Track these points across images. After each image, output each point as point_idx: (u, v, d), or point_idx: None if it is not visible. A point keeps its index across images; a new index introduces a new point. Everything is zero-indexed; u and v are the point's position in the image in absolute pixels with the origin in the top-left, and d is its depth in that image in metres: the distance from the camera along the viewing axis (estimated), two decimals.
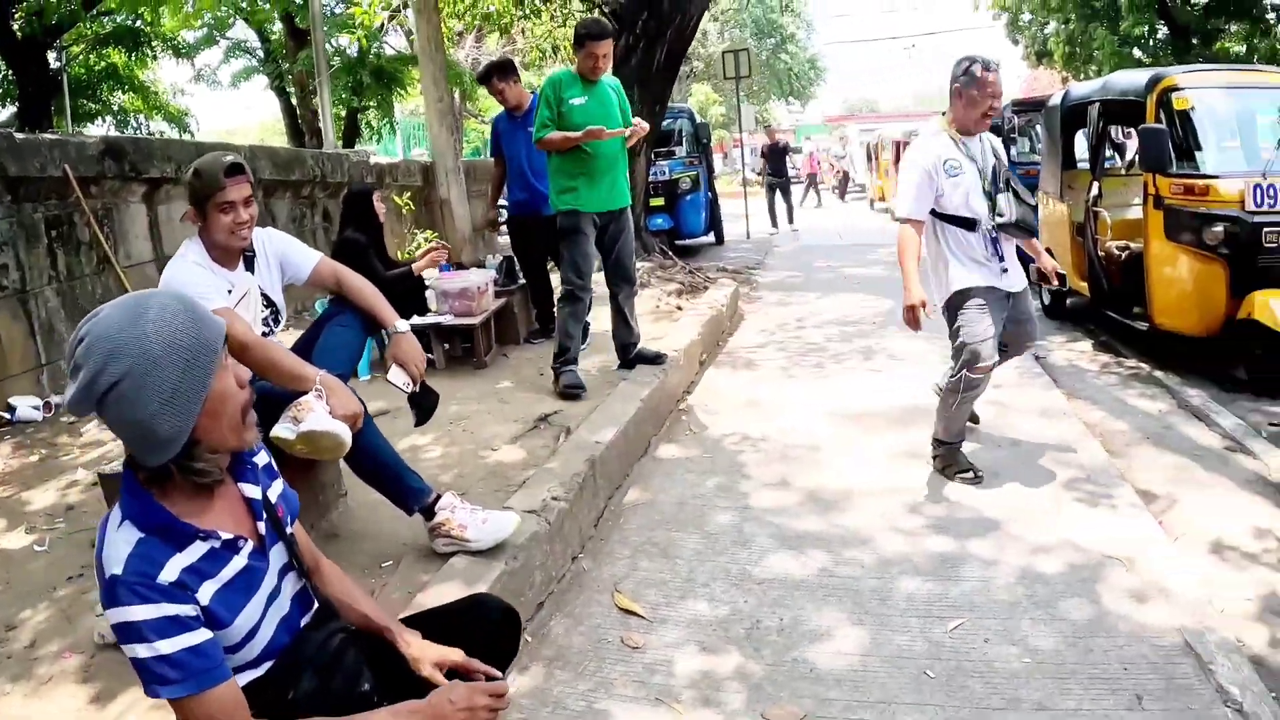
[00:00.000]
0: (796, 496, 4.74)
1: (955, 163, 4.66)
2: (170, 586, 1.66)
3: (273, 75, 21.57)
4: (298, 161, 9.30)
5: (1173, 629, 3.34)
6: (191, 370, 1.66)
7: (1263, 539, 4.29)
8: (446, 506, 3.48)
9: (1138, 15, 26.65)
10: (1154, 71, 7.49)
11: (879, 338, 8.47)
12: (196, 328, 1.68)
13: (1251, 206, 6.37)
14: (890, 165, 23.79)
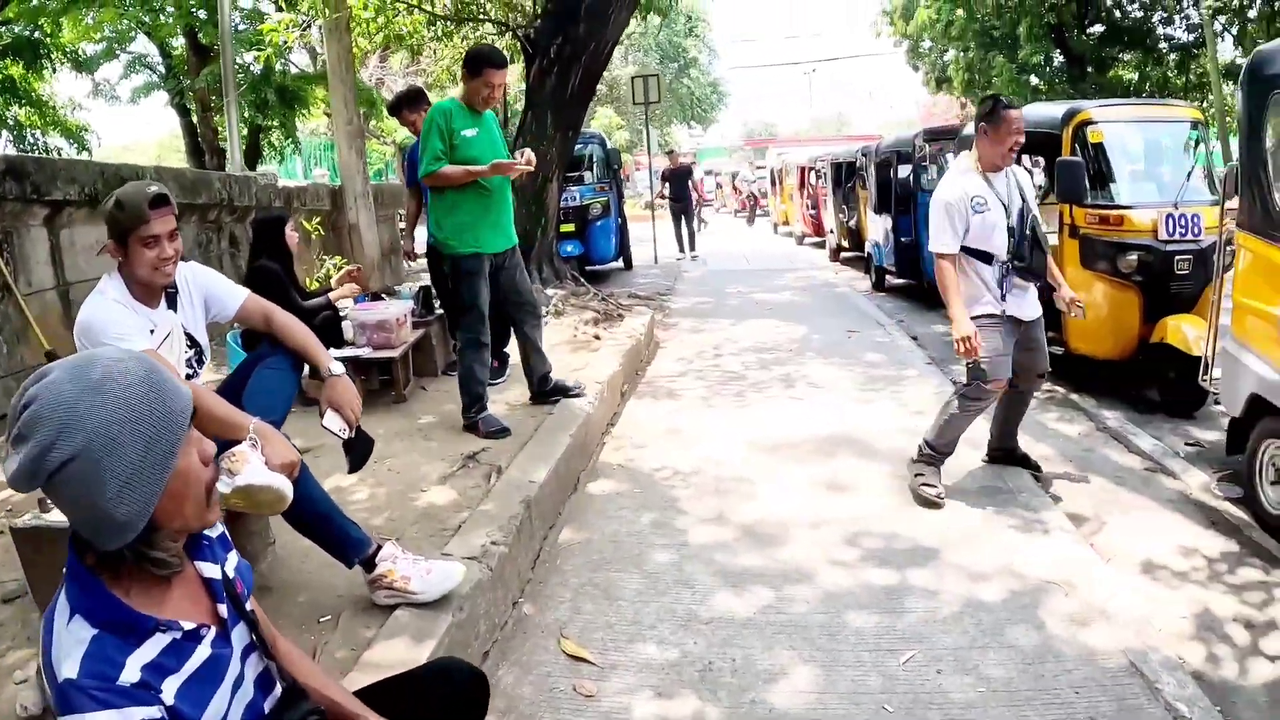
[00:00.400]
0: (733, 531, 4.68)
1: (982, 199, 4.81)
2: (133, 688, 1.48)
3: (174, 92, 20.95)
4: (204, 184, 8.97)
5: (1117, 650, 3.44)
6: (154, 448, 1.49)
7: (1190, 557, 4.47)
8: (388, 557, 3.32)
9: (1035, 44, 27.63)
10: (1069, 105, 7.71)
11: (797, 365, 8.51)
12: (161, 399, 1.51)
13: (1164, 236, 6.65)
14: (795, 190, 24.04)
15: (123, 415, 1.46)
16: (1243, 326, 5.08)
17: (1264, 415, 4.89)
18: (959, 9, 29.23)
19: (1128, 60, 28.86)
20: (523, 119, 12.28)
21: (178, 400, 1.54)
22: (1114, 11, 28.52)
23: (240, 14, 15.86)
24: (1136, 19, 28.50)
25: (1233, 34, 25.65)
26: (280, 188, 10.63)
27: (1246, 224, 5.05)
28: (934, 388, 7.46)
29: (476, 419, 5.56)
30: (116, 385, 1.48)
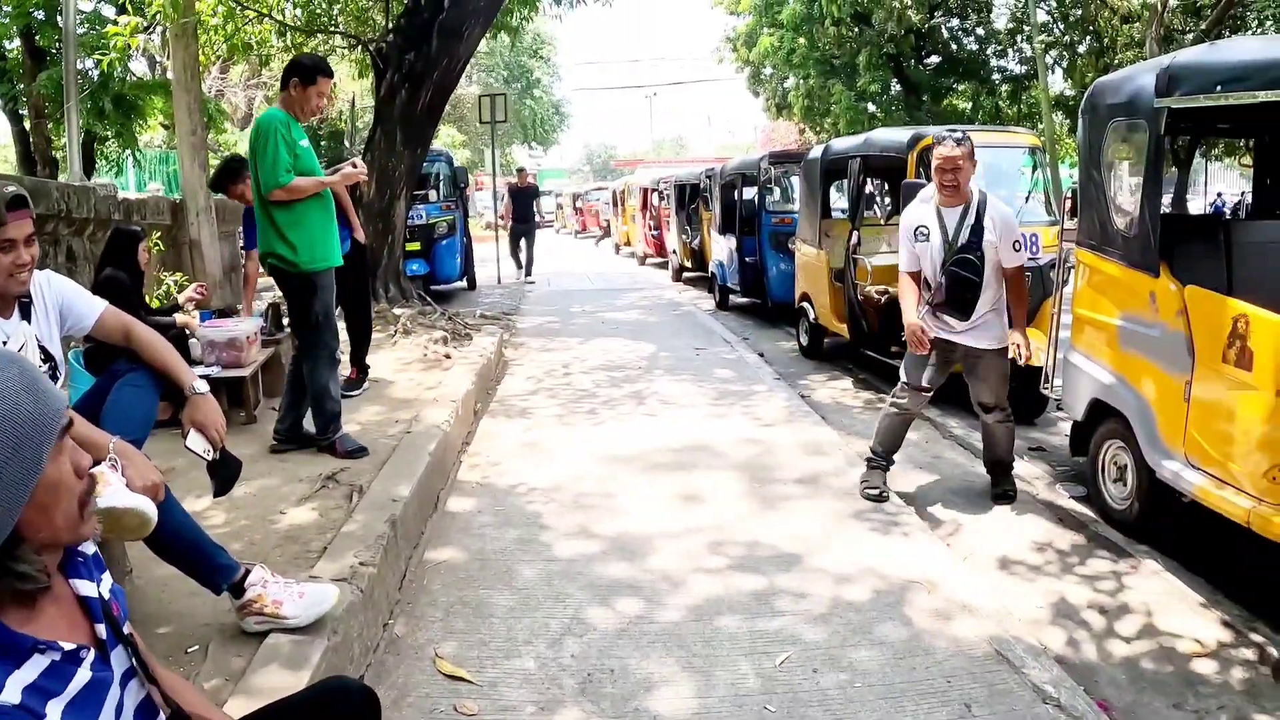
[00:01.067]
0: (599, 545, 4.69)
1: (925, 230, 5.16)
2: (14, 710, 1.37)
3: (6, 96, 19.78)
4: (42, 193, 8.44)
5: (982, 641, 3.61)
6: (20, 453, 1.38)
7: (1043, 552, 4.77)
8: (257, 582, 3.19)
9: (873, 73, 28.71)
10: (915, 130, 8.03)
11: (647, 382, 8.60)
12: (33, 400, 1.41)
13: None
14: (637, 211, 24.29)
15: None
16: (1082, 336, 5.40)
17: (1104, 419, 5.19)
18: (801, 38, 30.10)
19: (962, 90, 30.28)
20: (371, 134, 12.10)
21: (50, 403, 1.44)
22: (950, 44, 29.91)
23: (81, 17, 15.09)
24: (972, 51, 29.98)
25: (1062, 67, 27.21)
26: (119, 200, 10.16)
27: (1085, 241, 5.37)
28: (783, 401, 7.64)
29: (334, 439, 5.38)
30: None
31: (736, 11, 33.99)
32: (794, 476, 5.67)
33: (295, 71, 5.25)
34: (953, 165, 4.96)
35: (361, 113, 20.63)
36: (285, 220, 5.16)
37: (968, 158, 4.99)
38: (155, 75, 21.04)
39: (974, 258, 5.03)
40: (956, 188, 5.02)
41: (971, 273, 5.05)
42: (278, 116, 5.11)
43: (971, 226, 5.04)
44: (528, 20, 15.66)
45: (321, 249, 5.28)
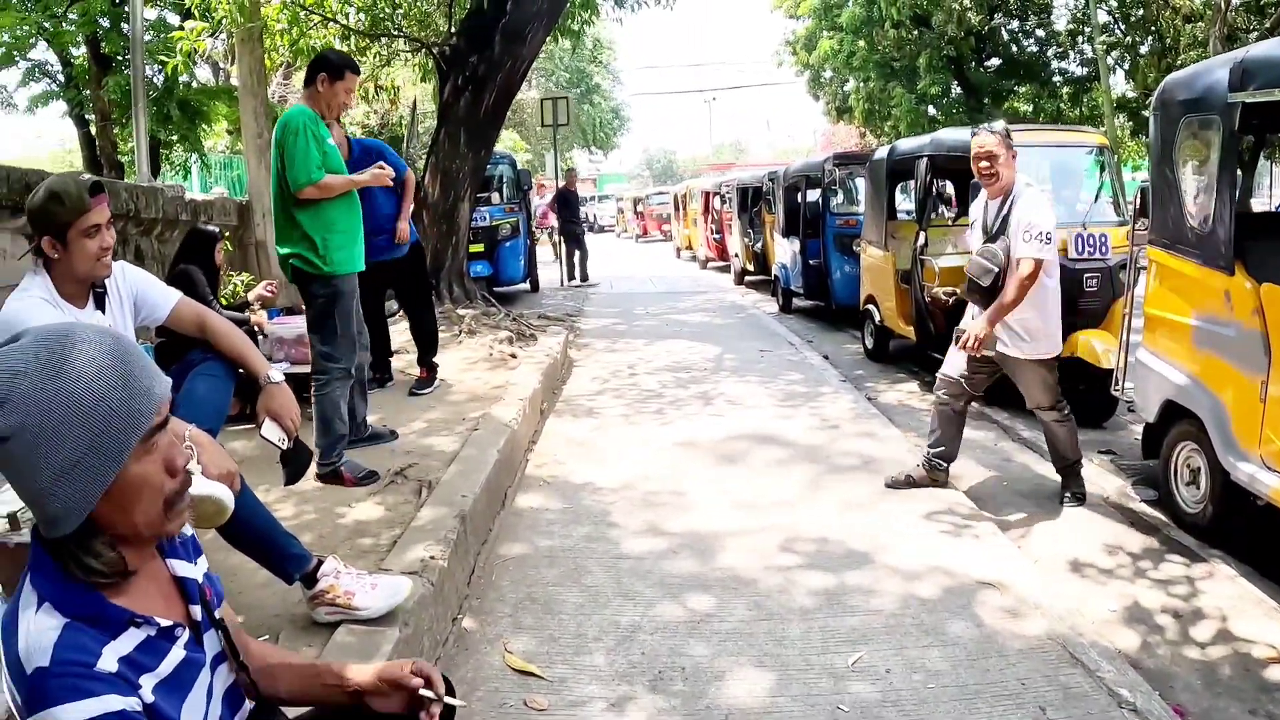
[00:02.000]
0: (668, 542, 4.65)
1: (975, 220, 5.37)
2: (112, 677, 1.36)
3: (73, 102, 20.25)
4: (111, 193, 8.58)
5: (1055, 643, 3.53)
6: (101, 447, 1.37)
7: (1114, 555, 4.65)
8: (329, 573, 3.19)
9: (934, 76, 28.40)
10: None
11: (713, 383, 8.54)
12: (124, 395, 1.38)
13: (1073, 254, 6.86)
14: (698, 215, 24.24)
15: (71, 403, 1.35)
16: (1154, 337, 5.26)
17: (1176, 420, 5.06)
18: (861, 41, 29.89)
19: (1023, 92, 29.84)
20: (435, 137, 12.16)
21: (144, 399, 1.42)
22: (1011, 46, 29.52)
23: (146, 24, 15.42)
24: (1033, 53, 29.54)
25: (1124, 69, 26.71)
26: (187, 201, 10.31)
27: (1158, 240, 5.24)
28: (849, 403, 7.55)
29: (339, 465, 4.90)
30: (77, 369, 1.36)
31: (796, 15, 33.81)
32: (862, 477, 5.59)
33: (322, 67, 5.01)
34: (987, 154, 4.98)
35: (423, 117, 20.75)
36: (310, 220, 4.90)
37: (1004, 147, 4.98)
38: (219, 81, 21.38)
39: (995, 246, 5.02)
40: (995, 177, 5.02)
41: (990, 260, 5.01)
42: (305, 113, 4.88)
43: (1004, 217, 5.03)
44: (589, 24, 15.66)
45: (346, 252, 5.00)
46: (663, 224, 35.79)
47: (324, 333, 4.95)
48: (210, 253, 5.74)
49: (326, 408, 4.89)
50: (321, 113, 4.96)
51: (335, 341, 4.93)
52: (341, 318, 4.94)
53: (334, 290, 4.91)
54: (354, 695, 1.81)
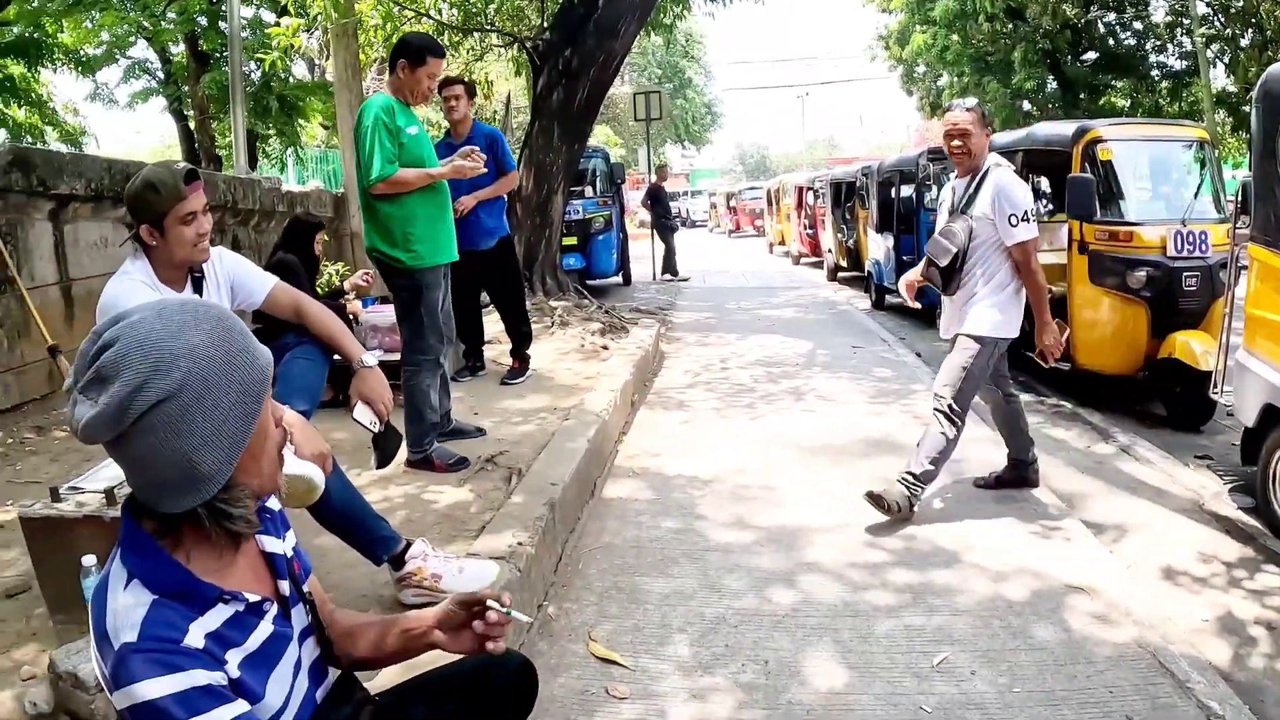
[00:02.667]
0: (755, 535, 4.64)
1: (944, 200, 5.06)
2: (199, 653, 1.40)
3: (171, 97, 20.89)
4: (208, 185, 8.83)
5: (1145, 651, 3.44)
6: (246, 396, 1.42)
7: (1209, 563, 4.48)
8: (418, 555, 3.25)
9: (1029, 69, 27.78)
10: (1079, 124, 7.75)
11: (805, 378, 8.47)
12: (252, 349, 1.45)
13: (1172, 252, 6.69)
14: (792, 210, 24.07)
15: (220, 355, 1.39)
16: (1255, 338, 5.07)
17: (1277, 425, 4.87)
18: (954, 35, 29.37)
19: (1120, 87, 29.04)
20: (529, 130, 12.25)
21: (263, 352, 1.48)
22: (1108, 39, 28.70)
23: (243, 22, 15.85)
24: (1130, 47, 28.69)
25: (1224, 62, 25.82)
26: (284, 192, 10.56)
27: (1260, 238, 5.05)
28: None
29: (430, 452, 4.95)
30: (210, 326, 1.41)
31: (888, 9, 33.35)
32: (951, 475, 5.46)
33: (403, 52, 4.85)
34: (959, 131, 4.73)
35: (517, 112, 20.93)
36: (389, 213, 4.83)
37: (977, 123, 4.73)
38: (314, 77, 21.84)
39: (955, 226, 4.79)
40: (967, 154, 4.75)
41: (949, 240, 4.78)
42: (382, 103, 4.77)
43: (970, 196, 4.79)
44: (680, 18, 15.64)
45: (429, 244, 4.89)
46: (755, 219, 35.60)
47: (411, 324, 4.95)
48: (310, 242, 5.85)
49: (416, 397, 4.89)
50: (405, 99, 4.88)
51: (423, 332, 4.91)
52: (428, 309, 4.89)
53: (417, 283, 4.86)
54: (426, 639, 1.85)
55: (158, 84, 21.56)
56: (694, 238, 36.68)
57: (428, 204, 4.88)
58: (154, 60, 21.49)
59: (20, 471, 5.14)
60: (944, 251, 4.79)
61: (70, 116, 22.48)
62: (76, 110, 21.82)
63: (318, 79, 21.19)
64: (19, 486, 4.82)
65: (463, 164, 4.98)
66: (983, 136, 4.75)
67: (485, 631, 1.76)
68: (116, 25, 18.00)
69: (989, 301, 4.78)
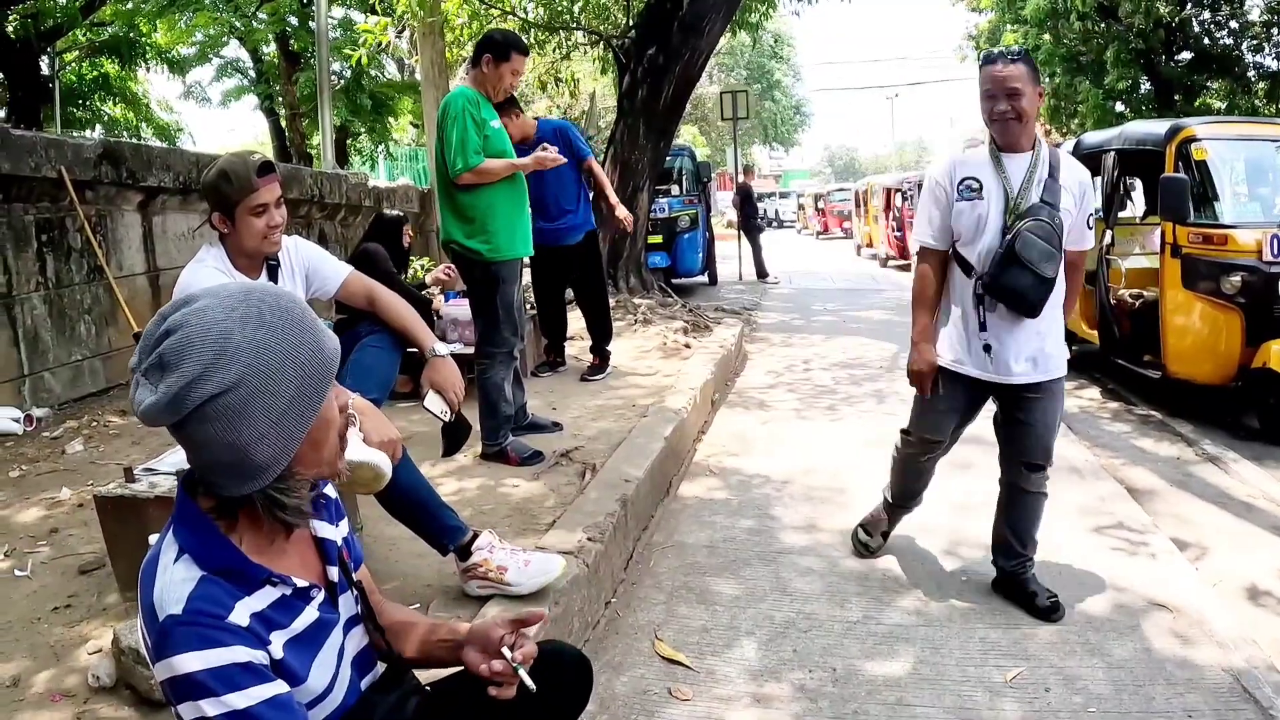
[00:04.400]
0: (830, 538, 4.56)
1: (975, 183, 3.59)
2: (243, 631, 1.40)
3: (263, 96, 21.44)
4: (295, 179, 9.04)
5: (1227, 675, 3.28)
6: (307, 388, 1.41)
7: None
8: (484, 546, 3.22)
9: (1122, 70, 27.02)
10: (1172, 122, 7.52)
11: (889, 381, 8.32)
12: (317, 339, 1.44)
13: (1269, 256, 6.44)
14: (879, 212, 23.80)
15: (282, 349, 1.38)
16: None
17: None
18: (1045, 35, 28.73)
19: (1215, 88, 28.11)
20: (614, 128, 12.27)
21: (331, 341, 1.47)
22: (1203, 39, 27.80)
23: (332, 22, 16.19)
24: (1226, 46, 27.73)
25: None
26: (370, 188, 10.71)
27: None
28: None
29: (504, 445, 4.96)
30: (275, 317, 1.40)
31: (979, 8, 32.72)
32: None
33: (488, 47, 4.86)
34: (1006, 89, 3.43)
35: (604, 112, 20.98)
36: (469, 205, 4.83)
37: (1030, 80, 3.45)
38: (404, 76, 22.19)
39: (1049, 223, 3.45)
40: (1019, 120, 3.46)
41: (1052, 243, 3.45)
42: (467, 95, 4.80)
43: (1046, 182, 3.52)
44: (766, 17, 15.54)
45: (507, 237, 4.90)
46: (843, 221, 35.26)
47: (485, 317, 4.96)
48: (398, 236, 5.88)
49: (490, 389, 4.92)
50: (487, 94, 4.89)
51: (497, 325, 4.91)
52: (503, 303, 4.89)
53: (493, 276, 4.87)
54: (457, 654, 1.82)
55: (249, 83, 22.14)
56: (782, 239, 36.48)
57: (506, 197, 4.88)
58: (246, 59, 22.07)
59: (104, 454, 5.27)
60: (1047, 258, 3.45)
61: (165, 113, 23.15)
62: (170, 107, 22.45)
63: (407, 78, 21.54)
64: (100, 468, 4.95)
65: (544, 155, 4.96)
66: (1036, 98, 3.50)
67: (491, 675, 1.71)
68: (209, 26, 18.52)
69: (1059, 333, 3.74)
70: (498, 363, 4.94)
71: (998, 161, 3.56)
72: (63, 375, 6.10)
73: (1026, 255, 3.43)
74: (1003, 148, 3.57)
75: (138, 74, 20.50)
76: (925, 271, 3.84)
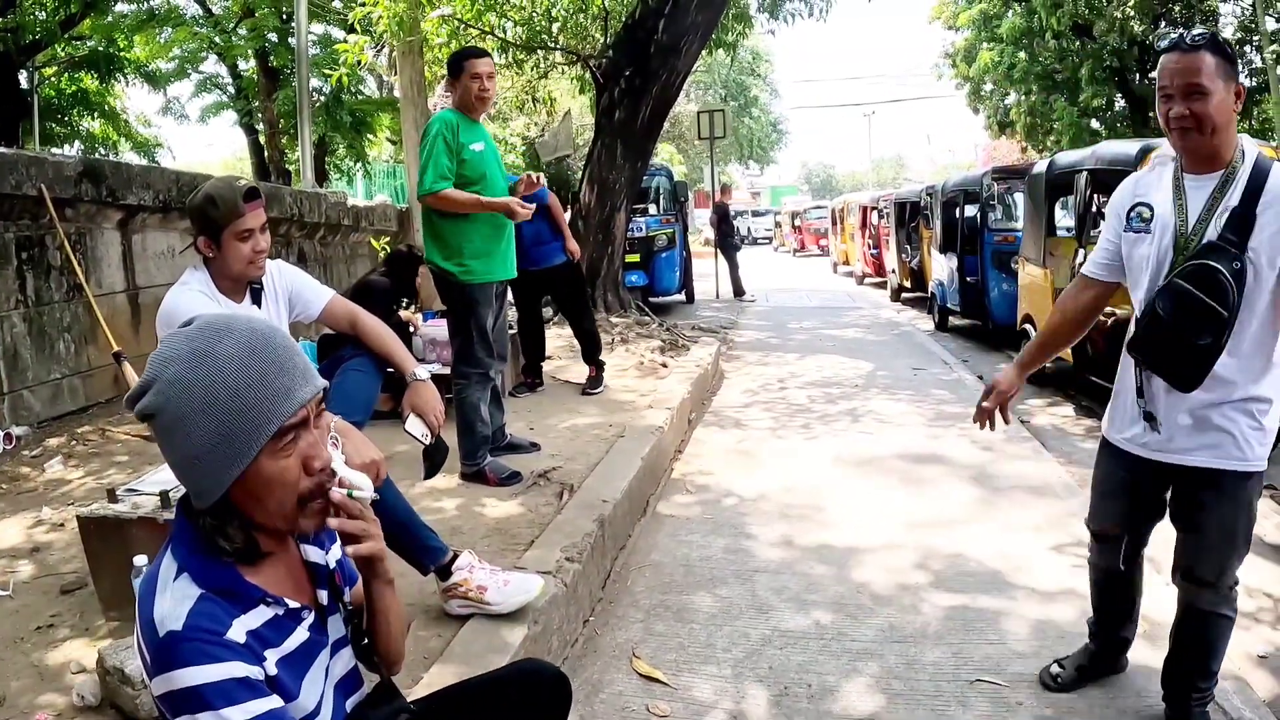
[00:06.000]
0: (805, 556, 4.63)
1: (1146, 211, 2.83)
2: (240, 648, 1.46)
3: (242, 112, 21.47)
4: (275, 198, 9.07)
5: None
6: (231, 438, 1.45)
7: (1265, 598, 4.31)
8: (464, 566, 3.28)
9: (1097, 87, 27.38)
10: (1144, 142, 7.61)
11: (864, 399, 8.44)
12: (258, 394, 1.46)
13: None
14: (856, 229, 23.98)
15: (207, 394, 1.43)
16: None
17: None
18: (1021, 53, 29.09)
19: None
20: (592, 148, 12.36)
21: (281, 399, 1.48)
22: None
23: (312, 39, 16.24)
24: None
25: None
26: (350, 207, 10.75)
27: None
28: (1002, 427, 7.30)
29: (482, 466, 4.98)
30: (219, 363, 1.45)
31: (955, 26, 33.14)
32: (1007, 501, 5.43)
33: (448, 69, 5.04)
34: (1186, 85, 2.57)
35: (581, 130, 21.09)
36: (447, 228, 4.87)
37: (1219, 75, 2.56)
38: (383, 93, 22.26)
39: (1223, 270, 2.58)
40: (1198, 131, 2.60)
41: (1214, 297, 2.59)
42: (446, 118, 4.83)
43: (1234, 213, 2.61)
44: (743, 36, 15.68)
45: (483, 262, 4.91)
46: (820, 238, 35.47)
47: (461, 337, 4.98)
48: (413, 274, 5.93)
49: (467, 410, 4.95)
50: (468, 113, 4.92)
51: (472, 347, 4.94)
52: (477, 325, 4.92)
53: (469, 299, 4.90)
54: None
55: (228, 99, 22.15)
56: (758, 257, 36.68)
57: (485, 222, 4.90)
58: (225, 75, 22.09)
59: (84, 473, 5.28)
60: (1205, 319, 2.61)
61: (143, 129, 23.14)
62: (149, 123, 22.47)
63: (386, 94, 21.61)
64: (81, 486, 4.97)
65: (516, 207, 4.87)
66: (1230, 102, 2.61)
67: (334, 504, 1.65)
68: (188, 41, 18.55)
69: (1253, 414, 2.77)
70: (473, 383, 4.97)
71: (1178, 184, 2.76)
72: (42, 393, 6.12)
73: (1169, 313, 2.68)
74: (1186, 166, 2.76)
75: (116, 89, 20.50)
76: (1066, 294, 3.24)
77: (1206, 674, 3.02)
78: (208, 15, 19.80)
